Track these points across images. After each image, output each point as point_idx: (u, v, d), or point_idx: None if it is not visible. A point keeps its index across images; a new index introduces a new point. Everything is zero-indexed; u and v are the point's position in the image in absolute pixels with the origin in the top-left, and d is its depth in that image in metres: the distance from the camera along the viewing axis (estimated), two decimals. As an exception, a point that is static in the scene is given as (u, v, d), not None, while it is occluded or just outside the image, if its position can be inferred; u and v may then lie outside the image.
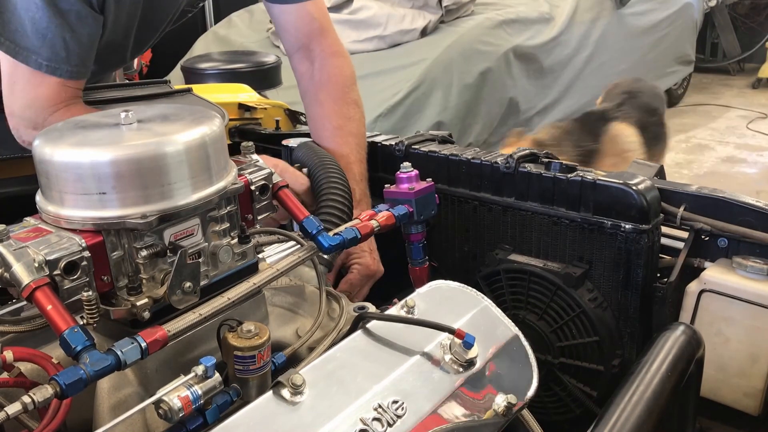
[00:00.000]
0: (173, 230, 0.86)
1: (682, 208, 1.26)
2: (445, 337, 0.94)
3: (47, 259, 0.76)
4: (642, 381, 0.95)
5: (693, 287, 1.19)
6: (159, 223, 0.82)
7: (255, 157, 1.01)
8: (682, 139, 5.72)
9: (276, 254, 1.13)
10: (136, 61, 4.16)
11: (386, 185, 1.25)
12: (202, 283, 0.87)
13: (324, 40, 1.57)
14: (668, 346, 1.02)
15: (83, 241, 0.79)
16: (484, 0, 4.58)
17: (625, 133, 2.99)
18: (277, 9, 1.56)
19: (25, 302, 0.83)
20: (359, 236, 1.02)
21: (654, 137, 3.12)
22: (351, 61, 1.61)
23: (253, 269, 0.96)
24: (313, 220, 1.00)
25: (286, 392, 0.80)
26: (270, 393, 0.80)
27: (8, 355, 0.77)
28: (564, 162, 1.32)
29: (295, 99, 1.73)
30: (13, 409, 0.68)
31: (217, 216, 0.91)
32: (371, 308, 1.02)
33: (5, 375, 0.79)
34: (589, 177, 1.27)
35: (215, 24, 5.38)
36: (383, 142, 1.58)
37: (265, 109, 2.03)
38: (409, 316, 0.97)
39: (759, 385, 1.14)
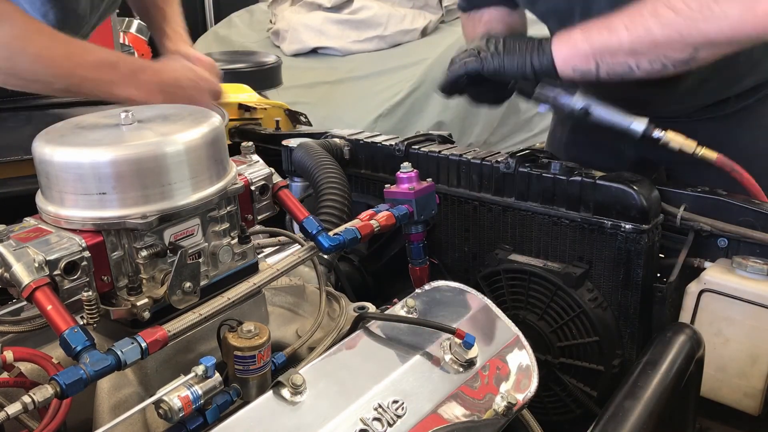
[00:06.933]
0: (173, 230, 0.86)
1: (682, 208, 1.26)
2: (445, 337, 0.94)
3: (47, 259, 0.76)
4: (642, 381, 0.94)
5: (693, 287, 1.19)
6: (159, 223, 0.82)
7: (255, 157, 1.01)
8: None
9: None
10: (136, 60, 4.15)
11: (386, 185, 1.25)
12: (202, 283, 0.87)
13: None
14: (668, 346, 1.02)
15: (83, 241, 0.79)
16: (484, 0, 4.58)
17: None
18: None
19: (25, 302, 0.83)
20: (359, 236, 1.02)
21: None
22: None
23: (253, 269, 0.96)
24: (313, 220, 1.00)
25: (286, 392, 0.80)
26: (270, 393, 0.80)
27: (8, 355, 0.77)
28: (564, 162, 1.33)
29: (295, 99, 1.73)
30: (13, 409, 0.68)
31: (217, 216, 0.91)
32: (371, 308, 1.02)
33: (5, 375, 0.79)
34: (588, 177, 1.28)
35: (215, 24, 5.38)
36: (383, 142, 1.58)
37: (265, 109, 2.03)
38: (409, 316, 0.97)
39: (759, 385, 1.14)
